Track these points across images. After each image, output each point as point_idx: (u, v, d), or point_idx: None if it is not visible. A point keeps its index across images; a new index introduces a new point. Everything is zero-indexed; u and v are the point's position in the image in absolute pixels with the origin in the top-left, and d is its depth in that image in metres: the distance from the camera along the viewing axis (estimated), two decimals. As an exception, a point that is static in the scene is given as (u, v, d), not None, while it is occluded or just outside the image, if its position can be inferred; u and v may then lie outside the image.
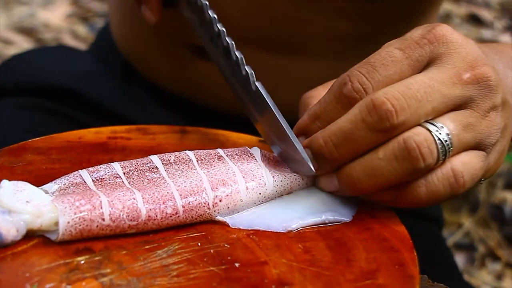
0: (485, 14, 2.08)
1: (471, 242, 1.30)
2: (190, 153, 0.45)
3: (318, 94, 0.46)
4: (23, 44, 1.73)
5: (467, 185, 0.41)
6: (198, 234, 0.41)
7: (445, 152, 0.40)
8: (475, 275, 1.24)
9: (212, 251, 0.39)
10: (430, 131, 0.39)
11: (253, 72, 0.45)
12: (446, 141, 0.40)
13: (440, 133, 0.40)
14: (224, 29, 0.48)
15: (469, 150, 0.41)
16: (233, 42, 0.47)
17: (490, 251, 1.28)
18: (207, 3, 0.50)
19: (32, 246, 0.39)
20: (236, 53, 0.46)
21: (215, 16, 0.49)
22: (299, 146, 0.42)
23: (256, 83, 0.45)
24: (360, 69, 0.41)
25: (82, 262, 0.38)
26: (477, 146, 0.41)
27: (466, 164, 0.41)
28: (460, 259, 1.25)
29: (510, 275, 1.24)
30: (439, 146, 0.39)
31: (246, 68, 0.46)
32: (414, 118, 0.39)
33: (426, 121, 0.40)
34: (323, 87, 0.47)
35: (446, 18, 2.06)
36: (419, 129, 0.39)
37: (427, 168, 0.40)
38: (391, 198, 0.42)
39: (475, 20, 2.06)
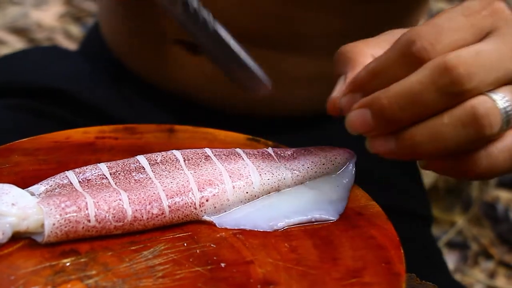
0: (478, 12, 2.08)
1: (464, 241, 1.30)
2: (177, 153, 0.45)
3: (361, 49, 0.44)
4: (15, 44, 1.73)
5: None
6: (185, 234, 0.41)
7: (508, 122, 0.39)
8: (468, 273, 1.24)
9: (198, 251, 0.39)
10: (495, 100, 0.39)
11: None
12: (509, 111, 0.39)
13: (504, 103, 0.39)
14: None
15: None
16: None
17: (483, 249, 1.28)
18: None
19: (18, 248, 0.39)
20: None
21: None
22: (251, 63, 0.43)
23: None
24: (429, 29, 0.39)
25: (68, 264, 0.38)
26: None
27: None
28: (453, 257, 1.26)
29: (503, 273, 1.24)
30: (504, 116, 0.39)
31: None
32: (482, 86, 0.39)
33: (488, 91, 0.39)
34: (363, 43, 0.45)
35: (440, 17, 2.07)
36: (485, 97, 0.38)
37: (490, 137, 0.39)
38: (450, 166, 0.41)
39: (468, 18, 2.06)
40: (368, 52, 0.43)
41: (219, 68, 0.51)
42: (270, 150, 0.46)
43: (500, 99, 0.39)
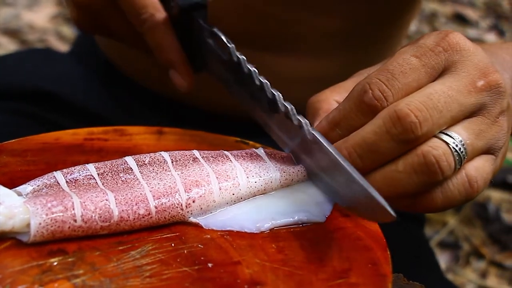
0: (470, 13, 2.09)
1: (456, 241, 1.30)
2: (165, 155, 0.45)
3: (326, 97, 0.46)
4: (8, 46, 1.72)
5: (480, 189, 0.42)
6: (172, 234, 0.41)
7: (461, 161, 0.41)
8: (460, 273, 1.24)
9: (185, 251, 0.39)
10: (447, 143, 0.40)
11: (306, 122, 0.44)
12: (461, 151, 0.40)
13: (456, 144, 0.40)
14: (267, 82, 0.46)
15: (480, 155, 0.42)
16: (279, 94, 0.45)
17: (475, 249, 1.29)
18: (244, 58, 0.48)
19: (5, 248, 0.39)
20: (285, 103, 0.45)
21: (255, 69, 0.47)
22: (376, 194, 0.39)
23: (312, 131, 0.43)
24: (380, 76, 0.41)
25: (55, 263, 0.38)
26: (488, 150, 0.43)
27: (479, 169, 0.42)
28: (444, 257, 1.26)
29: (494, 272, 1.25)
30: (456, 157, 0.40)
31: (298, 117, 0.44)
32: (435, 128, 0.40)
33: (441, 131, 0.41)
34: (330, 90, 0.46)
35: (432, 17, 2.07)
36: (436, 142, 0.40)
37: (444, 179, 0.41)
38: (407, 204, 0.42)
39: (460, 19, 2.08)
40: (332, 98, 0.45)
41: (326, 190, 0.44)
42: (260, 151, 0.47)
43: (453, 141, 0.40)
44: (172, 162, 0.44)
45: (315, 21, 0.64)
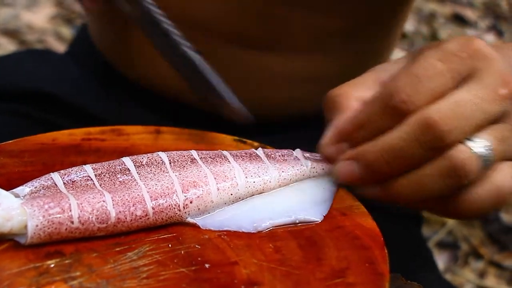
0: (469, 14, 2.09)
1: (455, 241, 1.30)
2: (163, 155, 0.45)
3: (346, 92, 0.46)
4: (7, 46, 1.72)
5: (508, 196, 0.43)
6: (170, 235, 0.41)
7: (486, 165, 0.41)
8: (458, 273, 1.24)
9: (182, 252, 0.39)
10: (472, 148, 0.41)
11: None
12: (486, 156, 0.41)
13: (481, 149, 0.41)
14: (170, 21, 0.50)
15: (505, 161, 0.43)
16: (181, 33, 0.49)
17: (473, 249, 1.29)
18: None
19: (2, 250, 0.39)
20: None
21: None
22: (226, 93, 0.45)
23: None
24: (406, 80, 0.41)
25: (52, 265, 0.38)
26: (510, 157, 0.43)
27: (506, 175, 0.42)
28: (443, 257, 1.26)
29: (493, 273, 1.25)
30: (481, 162, 0.41)
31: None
32: (462, 135, 0.41)
33: (468, 138, 0.41)
34: (348, 86, 0.46)
35: (431, 18, 2.07)
36: (462, 147, 0.41)
37: (470, 183, 0.42)
38: (431, 207, 0.43)
39: (459, 19, 2.08)
40: (353, 95, 0.45)
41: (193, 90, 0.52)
42: (259, 150, 0.47)
43: (478, 146, 0.41)
44: (170, 163, 0.44)
45: (306, 18, 0.64)
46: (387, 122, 0.42)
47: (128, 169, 0.43)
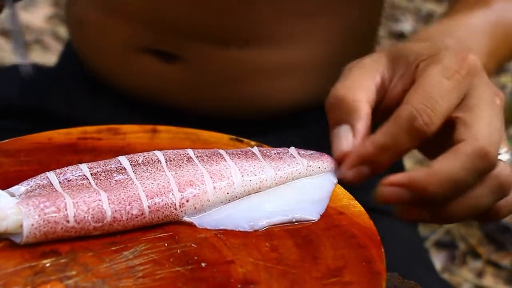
0: (467, 13, 2.09)
1: (452, 240, 1.30)
2: (159, 154, 0.45)
3: (353, 94, 0.45)
4: (4, 46, 1.72)
5: None
6: (166, 234, 0.41)
7: None
8: (456, 273, 1.24)
9: (178, 251, 0.39)
10: (505, 161, 0.45)
11: None
12: (510, 159, 0.46)
13: (507, 157, 0.45)
14: None
15: None
16: None
17: (471, 249, 1.29)
18: None
19: (-2, 249, 0.39)
20: None
21: None
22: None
23: None
24: (425, 103, 0.43)
25: (48, 265, 0.38)
26: None
27: None
28: (441, 257, 1.26)
29: (491, 272, 1.25)
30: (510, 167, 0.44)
31: None
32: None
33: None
34: (353, 86, 0.46)
35: (429, 18, 2.08)
36: (501, 163, 0.44)
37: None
38: (474, 218, 0.46)
39: (456, 19, 2.07)
40: (364, 97, 0.46)
41: None
42: (255, 149, 0.46)
43: (504, 157, 0.46)
44: (166, 162, 0.44)
45: (273, 7, 0.64)
46: (410, 143, 0.43)
47: (124, 168, 0.43)
